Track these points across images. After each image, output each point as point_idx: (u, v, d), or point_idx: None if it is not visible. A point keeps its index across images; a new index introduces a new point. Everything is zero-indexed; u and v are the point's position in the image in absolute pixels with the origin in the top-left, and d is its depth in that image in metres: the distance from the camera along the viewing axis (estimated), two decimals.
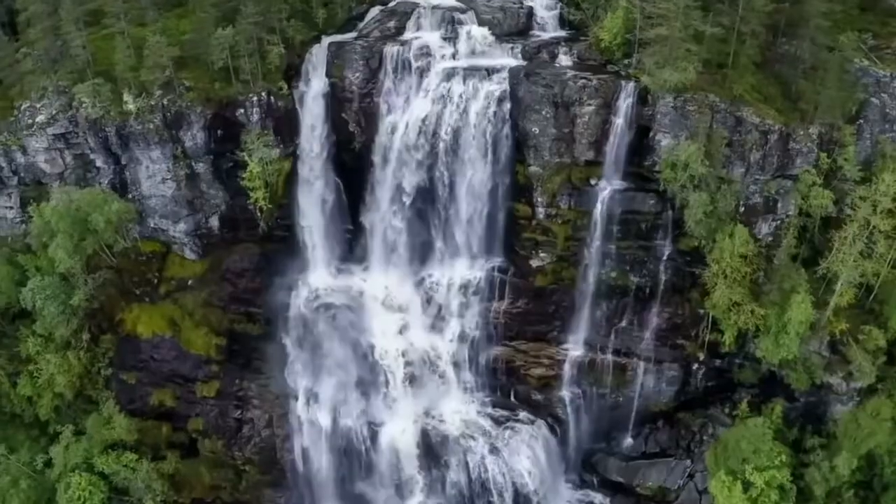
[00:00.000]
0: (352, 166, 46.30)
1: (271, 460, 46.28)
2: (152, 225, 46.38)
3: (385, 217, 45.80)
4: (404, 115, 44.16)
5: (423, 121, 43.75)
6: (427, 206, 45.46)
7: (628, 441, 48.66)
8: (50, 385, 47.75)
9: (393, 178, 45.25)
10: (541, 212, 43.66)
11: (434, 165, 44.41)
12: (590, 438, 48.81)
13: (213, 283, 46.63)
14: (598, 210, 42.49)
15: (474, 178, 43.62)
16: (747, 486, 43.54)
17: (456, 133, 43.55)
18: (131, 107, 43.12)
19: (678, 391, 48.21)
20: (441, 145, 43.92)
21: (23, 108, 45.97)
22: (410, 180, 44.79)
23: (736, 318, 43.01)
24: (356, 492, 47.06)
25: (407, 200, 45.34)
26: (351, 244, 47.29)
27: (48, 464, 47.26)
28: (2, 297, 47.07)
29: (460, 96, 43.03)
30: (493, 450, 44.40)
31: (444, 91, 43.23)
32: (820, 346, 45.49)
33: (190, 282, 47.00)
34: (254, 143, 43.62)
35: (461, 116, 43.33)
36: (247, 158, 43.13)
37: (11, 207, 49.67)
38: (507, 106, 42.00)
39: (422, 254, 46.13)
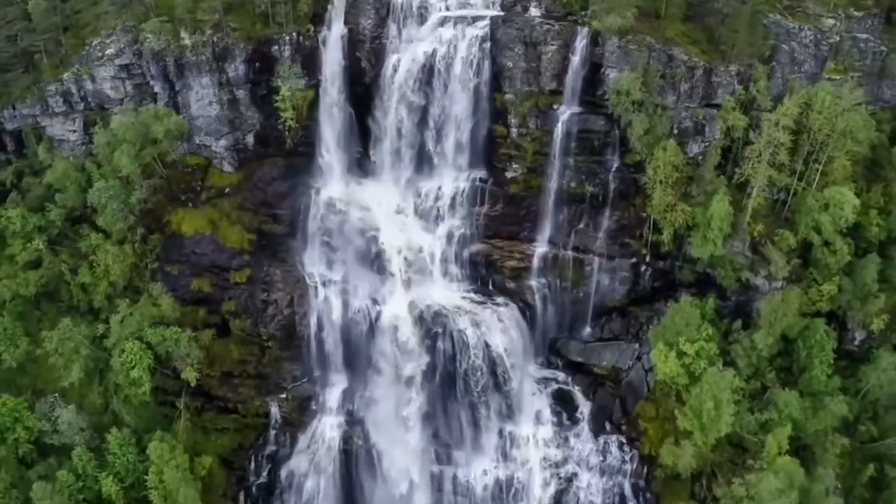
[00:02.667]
0: (363, 96, 61.40)
1: (290, 336, 61.24)
2: (197, 142, 61.81)
3: (389, 138, 60.22)
4: (406, 54, 58.77)
5: (421, 58, 57.98)
6: (423, 129, 60.17)
7: (587, 330, 63.87)
8: (106, 274, 62.28)
9: (395, 106, 59.75)
10: (514, 131, 58.80)
11: (429, 95, 59.19)
12: (555, 328, 64.06)
13: (246, 190, 61.79)
14: (559, 129, 57.68)
15: (461, 105, 58.54)
16: (681, 354, 56.87)
17: (447, 68, 58.02)
18: (187, 42, 57.92)
19: (629, 289, 63.15)
20: (434, 78, 58.23)
21: (94, 43, 61.46)
22: (409, 108, 59.32)
23: (672, 218, 57.61)
24: (361, 365, 60.70)
25: (406, 125, 59.56)
26: (360, 161, 62.62)
27: (103, 337, 60.48)
28: (69, 198, 61.86)
29: (451, 38, 57.76)
30: (474, 323, 59.13)
31: (439, 34, 57.66)
32: (743, 247, 59.64)
33: (227, 189, 62.10)
34: (285, 73, 58.86)
35: (451, 55, 57.57)
36: (280, 84, 57.36)
37: (75, 131, 64.81)
38: (488, 45, 56.96)
39: (418, 168, 61.00)
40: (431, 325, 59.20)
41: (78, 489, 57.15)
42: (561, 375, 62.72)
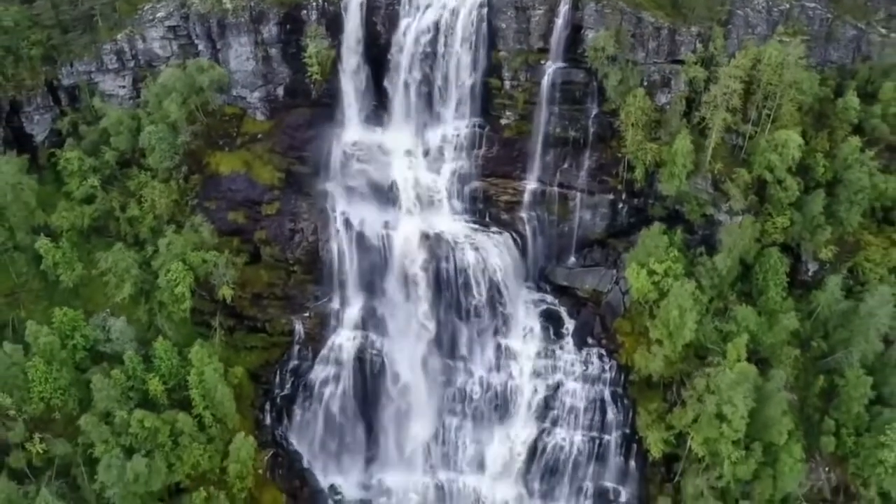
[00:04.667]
0: (378, 56, 74.69)
1: (314, 261, 74.61)
2: (234, 93, 75.79)
3: (400, 92, 73.05)
4: (415, 19, 71.24)
5: (429, 23, 70.49)
6: (429, 83, 73.26)
7: (572, 259, 77.53)
8: (151, 209, 75.21)
9: (406, 64, 72.54)
10: (507, 84, 72.64)
11: (435, 54, 71.73)
12: (543, 257, 77.66)
13: (276, 136, 75.52)
14: (546, 82, 71.49)
15: (462, 61, 71.91)
16: (651, 273, 68.56)
17: (450, 30, 70.83)
18: (228, 6, 72.00)
19: (608, 224, 76.55)
20: (440, 39, 70.63)
21: (146, 7, 75.41)
22: (418, 65, 72.06)
23: (642, 156, 70.76)
24: (375, 286, 73.11)
25: (415, 80, 72.06)
26: (376, 111, 76.13)
27: (149, 263, 72.12)
28: (122, 142, 75.04)
29: (454, 5, 71.22)
30: (474, 248, 72.86)
31: (444, 1, 70.63)
32: (705, 184, 72.05)
33: (259, 135, 75.74)
34: (312, 34, 72.65)
35: (454, 19, 70.65)
36: (308, 43, 69.84)
37: (124, 86, 78.63)
38: (485, 10, 70.86)
39: (426, 117, 74.43)
40: (437, 249, 72.57)
41: (129, 388, 69.07)
42: (549, 297, 76.58)
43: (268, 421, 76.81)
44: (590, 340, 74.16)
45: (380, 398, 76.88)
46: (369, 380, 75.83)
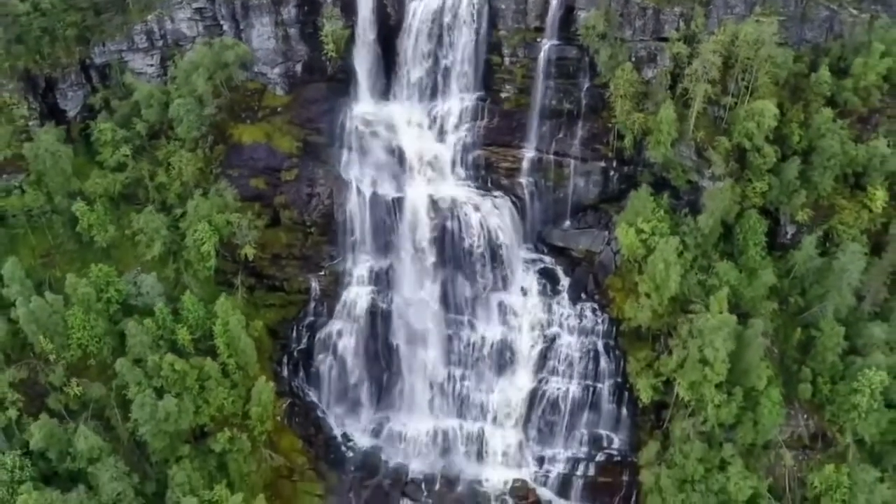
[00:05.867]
0: (388, 35, 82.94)
1: (329, 223, 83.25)
2: (256, 70, 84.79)
3: (409, 68, 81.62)
4: (422, 2, 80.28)
5: (435, 5, 79.10)
6: (436, 61, 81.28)
7: (567, 223, 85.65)
8: (179, 176, 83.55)
9: (414, 43, 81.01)
10: (507, 60, 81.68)
11: (441, 34, 79.90)
12: (541, 220, 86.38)
13: (295, 109, 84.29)
14: (542, 58, 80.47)
15: (465, 40, 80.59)
16: (639, 231, 75.93)
17: (455, 12, 79.25)
18: None
19: (601, 191, 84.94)
20: (445, 20, 78.85)
21: None
22: (425, 44, 79.97)
23: (630, 125, 77.50)
24: (386, 245, 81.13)
25: (423, 56, 79.94)
26: (386, 86, 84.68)
27: (176, 226, 79.69)
28: (152, 114, 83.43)
29: None
30: (476, 209, 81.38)
31: None
32: (689, 151, 79.98)
33: (279, 108, 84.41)
34: (328, 15, 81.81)
35: (457, 1, 78.83)
36: (324, 23, 77.74)
37: (152, 65, 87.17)
38: None
39: (432, 91, 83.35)
40: (442, 211, 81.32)
41: (159, 336, 76.72)
42: (546, 257, 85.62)
43: (285, 373, 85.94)
44: (583, 296, 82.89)
45: (389, 350, 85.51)
46: (380, 333, 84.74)
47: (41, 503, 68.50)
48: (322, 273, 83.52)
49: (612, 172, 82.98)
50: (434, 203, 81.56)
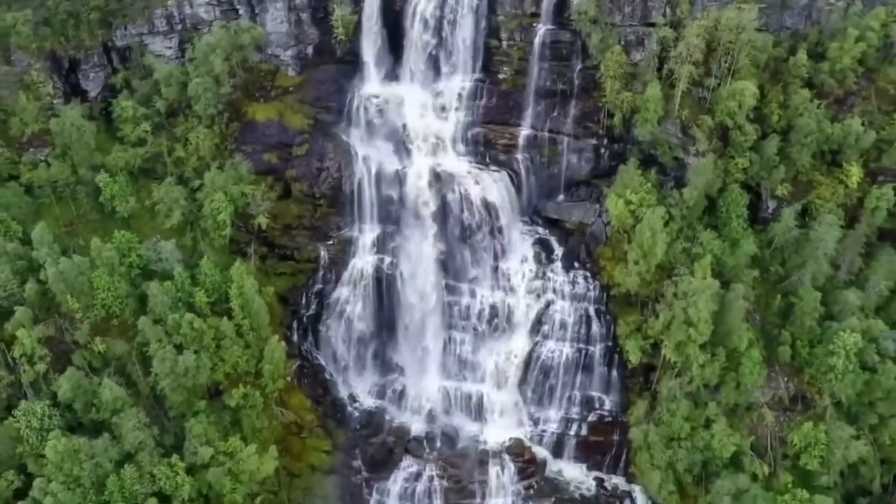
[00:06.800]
0: (394, 20, 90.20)
1: (337, 195, 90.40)
2: (269, 52, 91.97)
3: (413, 51, 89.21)
4: None
5: None
6: (438, 44, 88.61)
7: (560, 197, 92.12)
8: (196, 150, 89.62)
9: (418, 27, 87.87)
10: (504, 43, 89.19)
11: (443, 19, 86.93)
12: (536, 194, 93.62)
13: (306, 88, 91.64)
14: (537, 41, 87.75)
15: (466, 24, 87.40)
16: (628, 202, 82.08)
17: None
18: None
19: (592, 167, 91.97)
20: (447, 6, 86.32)
21: None
22: (428, 28, 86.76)
23: (620, 104, 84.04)
24: (391, 216, 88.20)
25: (426, 41, 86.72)
26: (392, 68, 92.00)
27: (194, 198, 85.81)
28: (172, 92, 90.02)
29: None
30: (476, 182, 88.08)
31: None
32: (675, 129, 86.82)
33: (291, 88, 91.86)
34: (338, 1, 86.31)
35: None
36: (334, 8, 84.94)
37: (171, 48, 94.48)
38: None
39: (434, 73, 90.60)
40: (444, 183, 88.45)
41: (177, 298, 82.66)
42: (540, 229, 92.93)
43: (295, 338, 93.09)
44: (576, 265, 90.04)
45: (394, 315, 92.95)
46: (385, 298, 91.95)
47: (69, 448, 75.05)
48: (330, 242, 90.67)
49: (603, 149, 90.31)
50: (436, 176, 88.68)
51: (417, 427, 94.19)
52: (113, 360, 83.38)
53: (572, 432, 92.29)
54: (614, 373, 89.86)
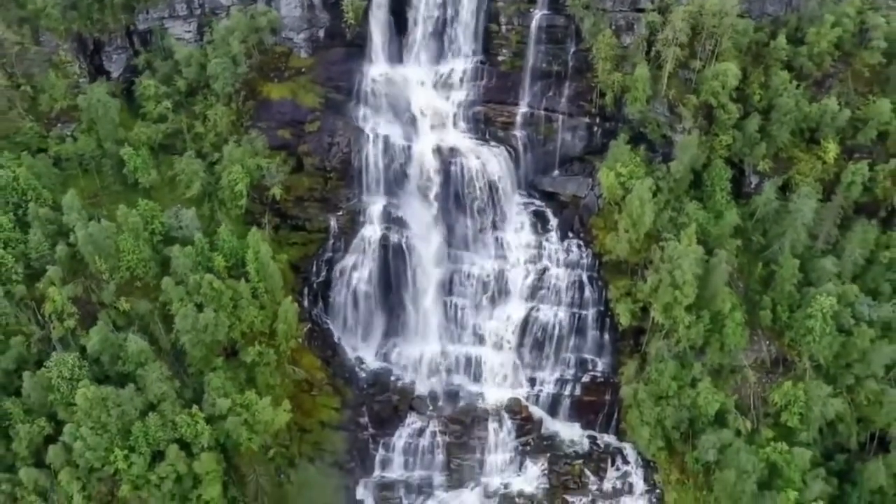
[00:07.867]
0: (400, 5, 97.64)
1: (347, 169, 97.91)
2: (283, 35, 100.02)
3: (418, 35, 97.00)
4: None
5: None
6: (441, 28, 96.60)
7: (556, 171, 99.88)
8: (214, 127, 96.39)
9: (423, 12, 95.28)
10: (503, 28, 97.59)
11: (446, 4, 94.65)
12: (532, 169, 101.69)
13: (317, 70, 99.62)
14: (534, 25, 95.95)
15: (467, 10, 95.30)
16: (618, 175, 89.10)
17: None
18: None
19: (585, 144, 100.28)
20: None
21: None
22: (432, 13, 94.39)
23: (611, 84, 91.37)
24: (397, 188, 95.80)
25: (431, 24, 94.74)
26: (399, 51, 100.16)
27: (212, 170, 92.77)
28: (192, 72, 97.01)
29: None
30: (476, 156, 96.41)
31: None
32: (663, 108, 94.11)
33: (303, 69, 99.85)
34: None
35: None
36: None
37: (190, 31, 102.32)
38: None
39: (438, 55, 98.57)
40: (447, 157, 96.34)
41: (197, 262, 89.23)
42: (537, 201, 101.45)
43: (306, 304, 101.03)
44: (570, 234, 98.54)
45: (398, 281, 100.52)
46: (391, 265, 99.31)
47: (97, 396, 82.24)
48: (340, 213, 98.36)
49: (595, 127, 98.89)
50: (439, 151, 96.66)
51: (421, 387, 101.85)
52: (136, 319, 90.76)
53: (567, 392, 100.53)
54: (606, 335, 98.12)
